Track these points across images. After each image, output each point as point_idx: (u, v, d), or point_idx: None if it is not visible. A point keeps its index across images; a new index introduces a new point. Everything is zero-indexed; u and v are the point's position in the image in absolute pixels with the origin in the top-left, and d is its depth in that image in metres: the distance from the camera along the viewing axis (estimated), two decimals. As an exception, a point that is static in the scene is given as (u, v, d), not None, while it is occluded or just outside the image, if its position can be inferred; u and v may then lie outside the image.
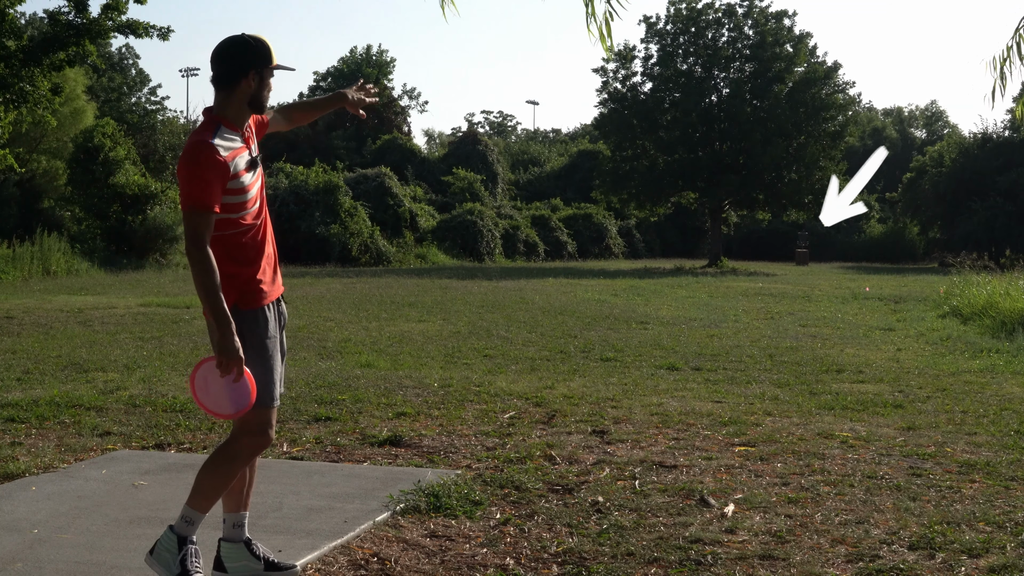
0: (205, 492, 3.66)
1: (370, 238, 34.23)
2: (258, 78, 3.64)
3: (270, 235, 3.80)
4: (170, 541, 3.65)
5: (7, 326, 12.59)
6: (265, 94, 3.70)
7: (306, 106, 4.18)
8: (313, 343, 11.29)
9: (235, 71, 3.62)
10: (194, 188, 3.48)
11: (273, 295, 3.78)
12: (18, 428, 6.51)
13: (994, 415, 7.32)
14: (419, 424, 6.82)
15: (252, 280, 3.68)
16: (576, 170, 54.25)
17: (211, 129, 3.58)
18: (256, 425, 3.67)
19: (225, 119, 3.63)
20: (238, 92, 3.63)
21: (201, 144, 3.51)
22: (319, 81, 57.15)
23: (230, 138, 3.60)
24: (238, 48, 3.63)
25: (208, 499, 3.66)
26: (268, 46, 3.68)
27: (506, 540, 4.36)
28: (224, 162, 3.52)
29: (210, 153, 3.50)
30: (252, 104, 3.67)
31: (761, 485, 5.28)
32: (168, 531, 3.69)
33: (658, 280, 27.10)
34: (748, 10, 40.80)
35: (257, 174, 3.73)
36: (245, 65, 3.62)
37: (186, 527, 3.67)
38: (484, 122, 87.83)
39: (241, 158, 3.62)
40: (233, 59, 3.62)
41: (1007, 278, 17.09)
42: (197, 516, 3.67)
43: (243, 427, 3.67)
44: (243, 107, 3.66)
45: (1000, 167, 45.50)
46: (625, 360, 10.26)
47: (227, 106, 3.64)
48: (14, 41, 18.26)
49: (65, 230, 27.64)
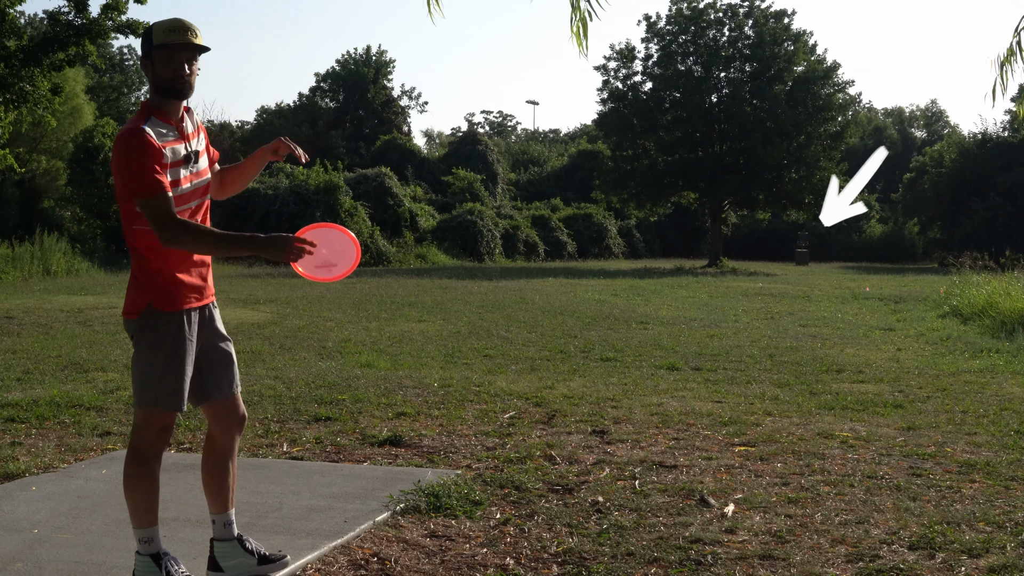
0: (139, 508, 3.60)
1: (370, 238, 34.22)
2: (151, 62, 3.57)
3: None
4: (146, 564, 3.60)
5: (7, 326, 12.59)
6: (167, 75, 3.54)
7: (234, 169, 3.99)
8: (313, 343, 11.29)
9: (141, 60, 3.62)
10: (135, 178, 3.42)
11: (199, 301, 3.68)
12: (18, 428, 6.51)
13: (994, 415, 7.32)
14: (419, 424, 6.82)
15: (174, 280, 3.59)
16: (576, 170, 54.25)
17: (142, 117, 3.54)
18: (155, 427, 3.59)
19: (155, 109, 3.58)
20: (149, 80, 3.60)
21: (131, 132, 3.46)
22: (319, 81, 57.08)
23: (161, 128, 3.54)
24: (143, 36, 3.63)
25: (147, 512, 3.60)
26: (158, 27, 3.56)
27: (506, 540, 4.36)
28: (159, 147, 3.47)
29: (144, 138, 3.44)
30: (159, 89, 3.57)
31: (761, 485, 5.28)
32: (138, 556, 3.62)
33: (658, 280, 27.10)
34: (749, 10, 40.81)
35: (195, 171, 3.64)
36: (144, 51, 3.60)
37: (149, 546, 3.61)
38: (484, 122, 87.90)
39: (172, 149, 3.55)
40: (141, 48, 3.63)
41: (1007, 278, 17.08)
42: (151, 532, 3.61)
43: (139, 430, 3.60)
44: (154, 93, 3.59)
45: (1000, 167, 45.52)
46: (625, 360, 10.26)
47: (152, 95, 3.60)
48: (14, 41, 18.26)
49: (65, 230, 27.65)
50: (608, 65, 41.47)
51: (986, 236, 41.70)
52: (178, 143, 3.58)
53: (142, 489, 3.60)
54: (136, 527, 3.62)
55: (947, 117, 77.90)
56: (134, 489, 3.61)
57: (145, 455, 3.61)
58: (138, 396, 3.62)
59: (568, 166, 55.89)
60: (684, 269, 35.95)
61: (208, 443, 3.84)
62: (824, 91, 39.50)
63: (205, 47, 3.60)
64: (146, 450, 3.61)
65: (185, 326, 3.61)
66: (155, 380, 3.57)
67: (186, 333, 3.61)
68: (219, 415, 3.78)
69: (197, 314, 3.68)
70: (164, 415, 3.60)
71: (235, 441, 3.86)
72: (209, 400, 3.75)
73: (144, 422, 3.61)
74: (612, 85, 41.34)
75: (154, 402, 3.58)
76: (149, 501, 3.61)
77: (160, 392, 3.57)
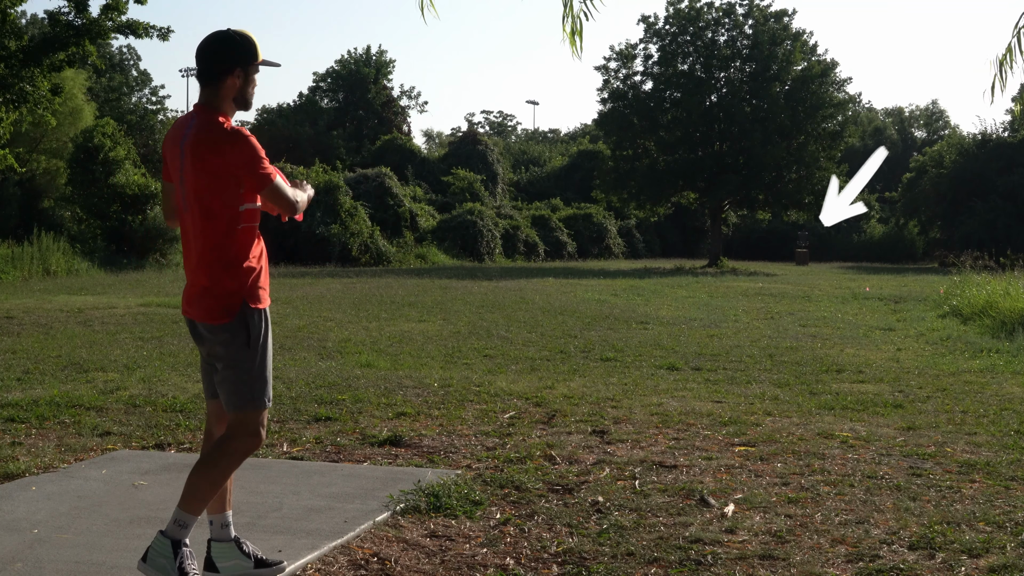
0: (199, 494, 3.60)
1: (370, 238, 34.23)
2: (243, 75, 3.62)
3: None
4: (164, 546, 3.59)
5: (7, 326, 12.59)
6: (250, 91, 3.69)
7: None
8: (313, 343, 11.29)
9: (221, 68, 3.59)
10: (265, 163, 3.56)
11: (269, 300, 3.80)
12: (18, 428, 6.50)
13: (994, 415, 7.32)
14: (419, 424, 6.82)
15: (260, 279, 3.70)
16: (576, 170, 54.27)
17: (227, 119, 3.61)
18: (252, 426, 3.65)
19: (222, 113, 3.62)
20: (224, 89, 3.61)
21: (240, 130, 3.56)
22: (318, 81, 57.10)
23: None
24: (224, 44, 3.61)
25: (202, 501, 3.62)
26: (253, 42, 3.65)
27: (506, 540, 4.36)
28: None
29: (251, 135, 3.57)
30: (238, 101, 3.65)
31: (761, 485, 5.27)
32: (160, 536, 3.61)
33: (658, 280, 27.10)
34: (748, 10, 40.81)
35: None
36: (231, 62, 3.60)
37: (179, 531, 3.60)
38: (484, 122, 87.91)
39: None
40: (218, 55, 3.60)
41: (1007, 278, 17.08)
42: (190, 519, 3.62)
43: (238, 428, 3.64)
44: (229, 104, 3.65)
45: (1000, 168, 45.52)
46: (625, 360, 10.26)
47: (216, 102, 3.62)
48: (14, 41, 18.26)
49: (65, 230, 27.64)
50: (608, 65, 41.49)
51: (986, 236, 41.68)
52: None
53: (211, 481, 3.62)
54: (182, 508, 3.60)
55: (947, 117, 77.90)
56: (204, 477, 3.61)
57: (234, 453, 3.64)
58: (236, 399, 3.61)
59: (568, 166, 55.91)
60: (684, 269, 35.95)
61: (207, 442, 3.84)
62: (822, 89, 39.51)
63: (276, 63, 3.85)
64: (237, 450, 3.64)
65: (271, 324, 3.74)
66: (256, 380, 3.61)
67: (271, 331, 3.73)
68: (223, 414, 3.78)
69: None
70: (262, 414, 3.66)
71: None
72: (217, 399, 3.77)
73: (242, 423, 3.63)
74: (612, 85, 41.35)
75: (255, 403, 3.62)
76: (209, 493, 3.63)
77: (265, 391, 3.64)
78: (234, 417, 3.64)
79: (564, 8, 4.69)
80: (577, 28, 4.68)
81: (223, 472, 3.64)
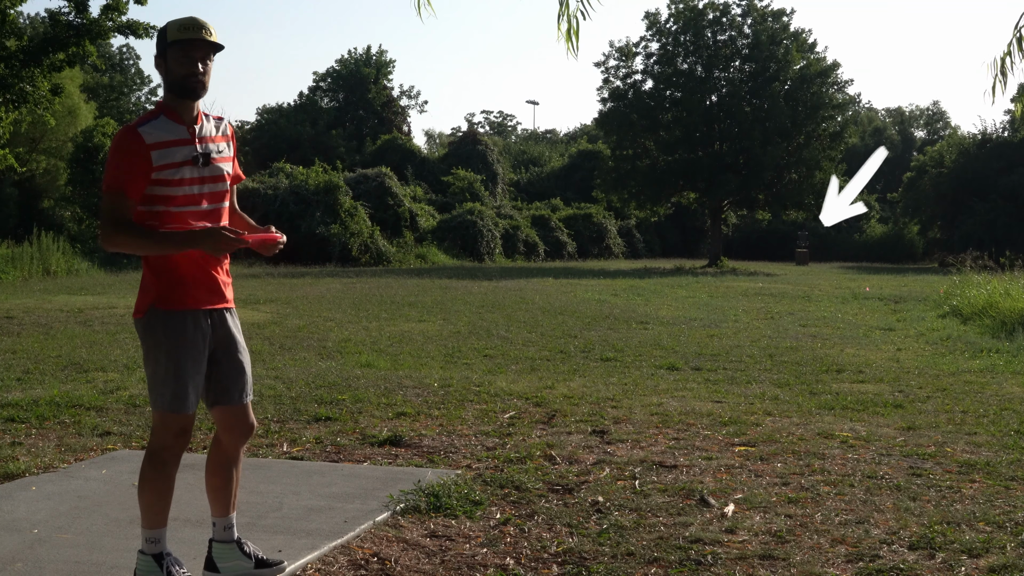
0: (152, 509, 3.60)
1: (370, 238, 34.22)
2: (164, 60, 3.56)
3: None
4: (148, 563, 3.59)
5: (7, 326, 12.59)
6: (180, 73, 3.52)
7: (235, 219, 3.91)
8: (313, 343, 11.29)
9: (155, 58, 3.61)
10: (110, 171, 3.48)
11: (205, 303, 3.62)
12: (18, 428, 6.50)
13: (994, 415, 7.32)
14: (419, 424, 6.82)
15: (180, 281, 3.57)
16: (576, 170, 54.26)
17: (147, 117, 3.55)
18: (172, 428, 3.59)
19: (168, 108, 3.58)
20: (162, 78, 3.60)
21: (124, 130, 3.51)
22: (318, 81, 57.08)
23: (168, 128, 3.53)
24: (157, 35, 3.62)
25: (158, 514, 3.61)
26: (172, 25, 3.55)
27: (506, 540, 4.36)
28: (143, 149, 3.45)
29: (130, 138, 3.47)
30: (171, 88, 3.57)
31: (761, 485, 5.27)
32: (140, 555, 3.62)
33: (658, 280, 27.10)
34: (748, 9, 40.81)
35: (208, 175, 3.60)
36: (158, 50, 3.59)
37: (154, 546, 3.61)
38: (484, 122, 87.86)
39: (177, 149, 3.52)
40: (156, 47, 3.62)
41: (1007, 278, 17.09)
42: (158, 533, 3.62)
43: (157, 432, 3.60)
44: (169, 92, 3.59)
45: (1001, 168, 45.52)
46: (625, 360, 10.26)
47: (165, 95, 3.61)
48: (15, 41, 18.26)
49: (65, 230, 27.65)
50: (608, 62, 41.49)
51: (986, 236, 41.70)
52: (186, 144, 3.55)
53: (155, 491, 3.60)
54: (144, 527, 3.62)
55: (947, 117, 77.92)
56: (147, 491, 3.60)
57: (160, 457, 3.61)
58: (150, 398, 3.63)
59: (568, 166, 55.90)
60: (684, 269, 35.95)
61: (215, 446, 3.83)
62: (822, 90, 39.51)
63: (219, 45, 3.58)
64: (161, 452, 3.61)
65: (189, 327, 3.57)
66: (160, 382, 3.57)
67: (189, 334, 3.57)
68: (227, 422, 3.76)
69: (207, 317, 3.64)
70: (176, 418, 3.59)
71: (240, 448, 3.85)
72: (218, 406, 3.74)
73: (159, 424, 3.61)
74: (613, 84, 41.37)
75: (161, 404, 3.58)
76: (161, 504, 3.61)
77: (164, 394, 3.57)
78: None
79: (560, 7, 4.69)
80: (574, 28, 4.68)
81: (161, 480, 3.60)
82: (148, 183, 3.48)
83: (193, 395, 3.59)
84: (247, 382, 3.78)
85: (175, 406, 3.56)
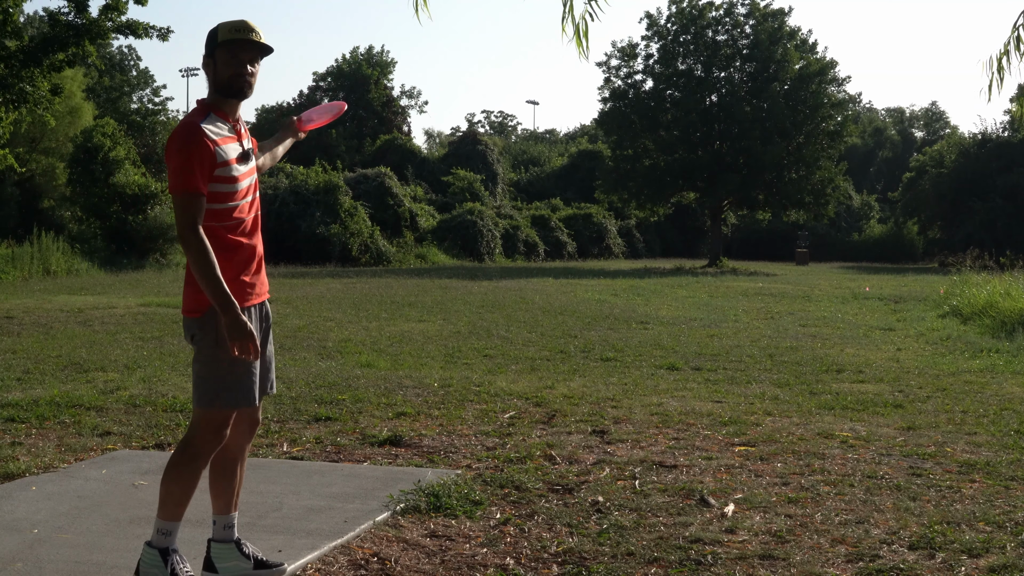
0: (173, 500, 3.60)
1: (370, 238, 34.23)
2: (213, 61, 3.60)
3: (259, 235, 3.76)
4: (153, 556, 3.59)
5: (7, 326, 12.59)
6: (228, 73, 3.58)
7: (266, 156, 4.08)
8: (313, 343, 11.29)
9: (204, 58, 3.65)
10: (183, 171, 3.45)
11: (257, 298, 3.71)
12: (18, 428, 6.50)
13: (994, 415, 7.32)
14: (419, 424, 6.82)
15: (236, 279, 3.61)
16: (576, 170, 54.25)
17: (200, 114, 3.57)
18: (213, 425, 3.61)
19: (214, 106, 3.62)
20: (209, 78, 3.63)
21: (189, 126, 3.49)
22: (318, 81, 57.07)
23: (219, 125, 3.58)
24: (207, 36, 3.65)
25: (178, 506, 3.61)
26: (223, 26, 3.60)
27: (506, 540, 4.36)
28: (211, 146, 3.49)
29: (198, 135, 3.47)
30: (218, 88, 3.61)
31: (761, 485, 5.27)
32: (147, 547, 3.61)
33: (658, 280, 27.09)
34: (749, 9, 40.81)
35: (250, 168, 3.69)
36: (207, 50, 3.63)
37: (164, 539, 3.60)
38: (484, 122, 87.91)
39: (231, 147, 3.59)
40: (205, 47, 3.66)
41: (1007, 278, 17.09)
42: (172, 526, 3.61)
43: (197, 427, 3.62)
44: (212, 92, 3.64)
45: (1000, 168, 45.53)
46: (625, 360, 10.26)
47: (211, 94, 3.65)
48: (14, 41, 18.25)
49: (65, 230, 27.64)
50: (610, 62, 41.48)
51: (986, 236, 41.68)
52: (235, 141, 3.63)
53: (182, 484, 3.60)
54: (161, 517, 3.61)
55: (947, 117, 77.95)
56: (174, 481, 3.60)
57: (197, 452, 3.62)
58: (198, 394, 3.62)
59: (568, 166, 55.89)
60: (684, 269, 35.94)
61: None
62: (821, 89, 39.51)
63: (268, 48, 3.65)
64: (202, 447, 3.62)
65: (252, 323, 3.63)
66: (218, 378, 3.57)
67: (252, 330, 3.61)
68: (240, 417, 3.77)
69: (257, 311, 3.71)
70: (225, 413, 3.61)
71: (247, 445, 3.86)
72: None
73: (205, 420, 3.61)
74: (613, 83, 41.36)
75: (216, 401, 3.58)
76: (184, 496, 3.62)
77: (223, 390, 3.58)
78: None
79: (564, 8, 4.69)
80: (584, 29, 4.69)
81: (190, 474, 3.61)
82: (211, 180, 3.52)
83: (256, 388, 3.67)
84: (273, 376, 3.86)
85: (237, 400, 3.60)
